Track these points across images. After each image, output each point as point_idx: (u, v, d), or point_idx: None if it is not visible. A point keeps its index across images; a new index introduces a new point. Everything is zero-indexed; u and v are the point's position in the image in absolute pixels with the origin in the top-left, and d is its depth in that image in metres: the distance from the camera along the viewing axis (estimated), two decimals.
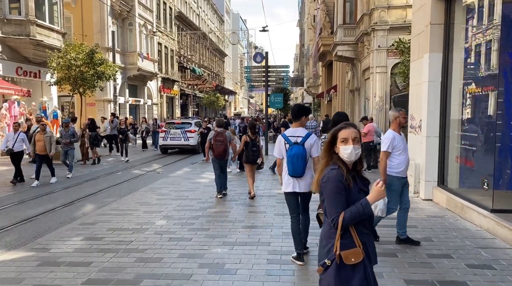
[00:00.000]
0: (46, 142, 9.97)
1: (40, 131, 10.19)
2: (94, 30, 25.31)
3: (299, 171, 4.35)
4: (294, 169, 4.35)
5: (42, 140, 9.97)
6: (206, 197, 8.12)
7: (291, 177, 4.41)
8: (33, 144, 10.10)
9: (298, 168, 4.34)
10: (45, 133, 10.13)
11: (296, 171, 4.35)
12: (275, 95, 17.13)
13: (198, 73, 44.59)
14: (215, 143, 7.93)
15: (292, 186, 4.44)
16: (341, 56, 17.82)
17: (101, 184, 10.20)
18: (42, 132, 10.12)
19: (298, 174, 4.37)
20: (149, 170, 12.75)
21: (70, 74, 14.80)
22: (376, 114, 14.33)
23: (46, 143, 9.96)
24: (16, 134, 10.20)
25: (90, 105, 25.86)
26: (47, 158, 10.06)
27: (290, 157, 4.36)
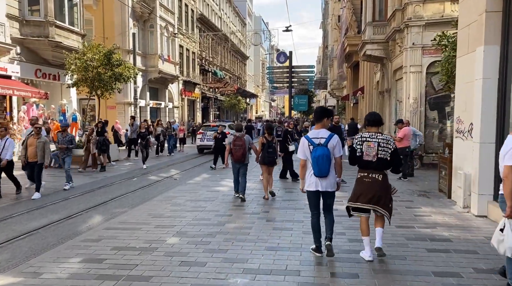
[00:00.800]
0: (39, 148, 8.62)
1: (34, 135, 8.84)
2: (115, 32, 25.07)
3: (325, 171, 4.50)
4: (320, 170, 4.49)
5: (35, 145, 8.65)
6: (225, 209, 7.30)
7: (316, 177, 4.55)
8: (25, 148, 8.85)
9: (324, 168, 4.48)
10: (39, 137, 8.80)
11: (322, 172, 4.50)
12: (300, 97, 16.23)
13: (219, 76, 44.12)
14: (233, 148, 7.91)
15: (315, 185, 4.60)
16: (370, 55, 16.73)
17: (113, 191, 9.54)
18: (36, 136, 8.78)
19: (324, 174, 4.51)
20: (166, 176, 12.06)
21: (87, 75, 14.33)
22: (410, 117, 13.19)
23: (39, 149, 8.60)
24: (2, 140, 8.59)
25: (111, 108, 25.64)
26: (38, 166, 8.64)
27: (316, 158, 4.48)
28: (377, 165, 4.48)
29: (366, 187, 4.51)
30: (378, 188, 4.48)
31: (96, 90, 14.91)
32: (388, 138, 4.57)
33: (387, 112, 17.18)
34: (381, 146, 4.47)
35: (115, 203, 8.26)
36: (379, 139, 4.49)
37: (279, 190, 9.23)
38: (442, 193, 8.50)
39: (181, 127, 21.34)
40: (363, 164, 4.56)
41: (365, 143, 4.53)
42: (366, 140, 4.53)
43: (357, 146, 4.59)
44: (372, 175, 4.50)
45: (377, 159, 4.47)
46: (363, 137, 4.58)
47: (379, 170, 4.50)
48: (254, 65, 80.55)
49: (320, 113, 4.76)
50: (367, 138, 4.53)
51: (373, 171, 4.51)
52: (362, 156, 4.54)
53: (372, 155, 4.48)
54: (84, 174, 12.13)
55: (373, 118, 4.65)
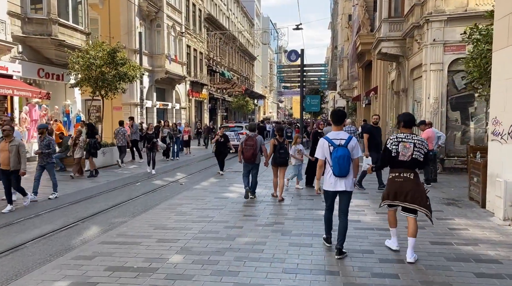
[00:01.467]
0: (12, 153, 7.37)
1: (5, 139, 7.49)
2: (121, 31, 24.57)
3: (345, 171, 4.63)
4: (341, 170, 4.61)
5: (7, 150, 7.38)
6: (235, 220, 6.60)
7: (336, 177, 4.67)
8: None
9: (344, 168, 4.61)
10: (10, 140, 7.45)
11: (342, 172, 4.62)
12: (312, 97, 15.49)
13: (227, 77, 43.51)
14: (244, 147, 8.03)
15: (334, 185, 4.73)
16: (386, 53, 15.93)
17: (115, 198, 8.89)
18: (7, 140, 7.45)
19: (344, 174, 4.64)
20: (171, 181, 11.39)
21: (90, 74, 13.74)
22: (430, 117, 12.38)
23: (12, 154, 7.37)
24: None
25: (117, 109, 25.13)
26: (15, 176, 7.49)
27: (337, 158, 4.61)
28: (410, 164, 4.58)
29: (399, 186, 4.61)
30: (411, 187, 4.57)
31: (100, 90, 14.31)
32: (422, 139, 4.68)
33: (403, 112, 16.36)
34: (416, 146, 4.57)
35: (115, 212, 7.60)
36: (415, 140, 4.59)
37: (293, 197, 8.51)
38: (474, 202, 7.71)
39: (186, 128, 20.45)
40: (396, 164, 4.64)
41: (401, 143, 4.60)
42: (402, 140, 4.60)
43: (392, 146, 4.63)
44: (403, 174, 4.59)
45: (411, 159, 4.57)
46: (399, 137, 4.65)
47: (411, 169, 4.61)
48: (262, 66, 79.88)
49: (341, 117, 4.95)
50: (403, 138, 4.61)
51: (404, 170, 4.60)
52: (397, 156, 4.60)
53: (407, 156, 4.56)
54: (86, 179, 11.51)
55: (408, 119, 4.76)
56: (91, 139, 11.79)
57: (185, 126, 20.90)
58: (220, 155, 12.10)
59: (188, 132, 20.08)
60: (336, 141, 4.71)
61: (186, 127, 20.65)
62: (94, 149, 11.78)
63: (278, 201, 7.93)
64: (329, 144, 4.72)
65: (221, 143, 11.90)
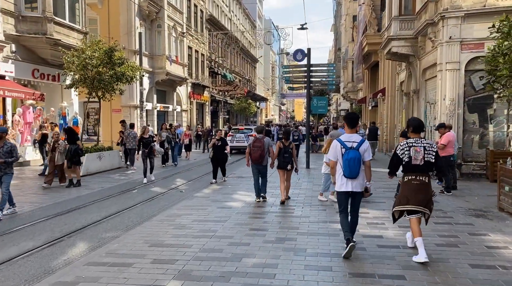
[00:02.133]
0: None
1: None
2: (121, 32, 23.91)
3: (355, 173, 4.74)
4: (351, 171, 4.73)
5: None
6: (240, 234, 5.85)
7: (346, 178, 4.79)
8: None
9: (355, 170, 4.73)
10: None
11: (352, 173, 4.74)
12: (319, 99, 14.78)
13: (229, 79, 42.85)
14: (252, 149, 8.12)
15: (346, 186, 4.83)
16: (396, 53, 15.20)
17: (108, 208, 8.15)
18: None
19: (354, 176, 4.75)
20: (170, 188, 10.65)
21: (86, 75, 13.03)
22: (446, 120, 11.62)
23: None
24: None
25: (116, 112, 24.44)
26: None
27: (348, 160, 4.73)
28: (424, 167, 4.72)
29: (415, 189, 4.72)
30: (426, 191, 4.74)
31: (97, 91, 13.60)
32: (431, 142, 4.87)
33: (415, 115, 15.59)
34: (427, 149, 4.72)
35: (107, 224, 6.85)
36: (424, 143, 4.76)
37: (303, 206, 7.76)
38: (506, 214, 6.95)
39: (186, 132, 19.36)
40: (411, 168, 4.75)
41: (412, 148, 4.73)
42: (413, 145, 4.74)
43: (404, 152, 4.75)
44: (419, 177, 4.72)
45: (424, 162, 4.70)
46: (409, 143, 4.78)
47: (425, 173, 4.75)
48: (264, 68, 79.26)
49: (355, 120, 5.09)
50: (413, 143, 4.76)
51: (420, 173, 4.73)
52: (410, 161, 4.73)
53: (419, 159, 4.70)
54: (78, 187, 10.78)
55: (417, 124, 4.89)
56: (71, 145, 10.51)
57: (186, 129, 19.95)
58: (217, 161, 10.75)
59: (189, 135, 19.07)
60: (348, 143, 4.85)
61: (187, 130, 19.66)
62: (76, 156, 10.50)
63: (285, 199, 8.05)
64: (341, 146, 4.86)
65: (219, 148, 10.70)
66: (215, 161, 10.79)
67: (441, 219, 6.74)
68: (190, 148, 19.03)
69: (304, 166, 14.30)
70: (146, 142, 11.32)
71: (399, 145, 4.89)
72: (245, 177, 11.90)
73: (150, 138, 11.44)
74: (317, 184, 10.55)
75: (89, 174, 12.48)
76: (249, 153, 8.20)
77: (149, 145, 11.26)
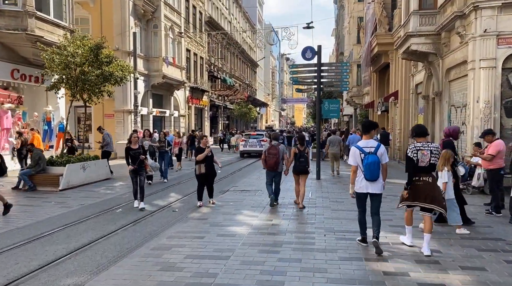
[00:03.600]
0: None
1: None
2: (114, 32, 22.44)
3: (376, 175, 5.15)
4: (372, 174, 5.13)
5: None
6: (248, 282, 4.27)
7: (367, 180, 5.20)
8: None
9: (376, 173, 5.14)
10: None
11: (373, 176, 5.15)
12: (331, 102, 13.24)
13: (229, 83, 41.39)
14: (268, 156, 8.18)
15: (366, 188, 5.24)
16: (415, 52, 13.69)
17: (81, 235, 6.54)
18: None
19: (375, 178, 5.16)
20: (161, 206, 9.04)
21: (69, 75, 11.48)
22: (480, 125, 10.11)
23: None
24: None
25: (108, 117, 22.92)
26: None
27: (368, 164, 5.12)
28: (429, 169, 5.17)
29: (419, 189, 5.17)
30: (430, 189, 5.15)
31: (81, 93, 12.06)
32: (437, 146, 5.32)
33: (437, 120, 14.05)
34: (433, 153, 5.15)
35: (73, 263, 5.21)
36: (431, 147, 5.16)
37: (325, 233, 6.19)
38: None
39: (176, 139, 16.45)
40: (417, 169, 5.17)
41: (419, 151, 5.13)
42: (420, 149, 5.14)
43: (413, 155, 5.16)
44: (422, 178, 5.17)
45: (430, 164, 5.14)
46: (417, 146, 5.17)
47: (429, 173, 5.18)
48: (264, 73, 77.91)
49: (369, 127, 5.42)
50: (420, 147, 5.14)
51: (423, 174, 5.16)
52: (417, 163, 5.14)
53: (426, 162, 5.13)
54: (37, 202, 9.19)
55: (420, 130, 5.35)
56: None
57: (175, 136, 16.89)
58: (206, 178, 8.53)
59: (179, 143, 16.50)
60: (366, 149, 5.21)
61: (177, 138, 16.74)
62: None
63: (299, 208, 8.05)
64: (360, 152, 5.22)
65: (208, 161, 8.45)
66: (203, 178, 8.50)
67: (509, 254, 5.18)
68: (180, 157, 16.53)
69: (314, 177, 12.76)
70: (135, 154, 8.43)
71: (408, 148, 5.28)
72: (250, 191, 10.34)
73: (140, 149, 8.65)
74: (334, 200, 8.99)
75: (70, 188, 10.90)
76: (264, 159, 8.27)
77: (138, 159, 8.48)
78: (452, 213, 6.04)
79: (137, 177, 8.48)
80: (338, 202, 8.72)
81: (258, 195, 9.78)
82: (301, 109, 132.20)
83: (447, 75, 13.21)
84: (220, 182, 12.85)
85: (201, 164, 8.41)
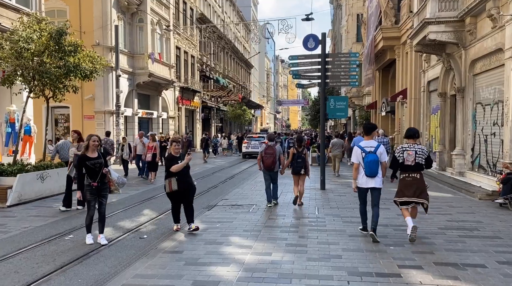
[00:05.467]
0: None
1: None
2: (95, 25, 20.47)
3: (375, 172, 5.78)
4: (371, 171, 5.76)
5: None
6: None
7: (367, 177, 5.82)
8: None
9: (375, 170, 5.76)
10: None
11: (373, 172, 5.77)
12: (337, 99, 11.37)
13: (222, 84, 39.46)
14: (265, 156, 8.31)
15: (366, 183, 5.86)
16: (433, 41, 11.89)
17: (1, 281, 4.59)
18: None
19: (374, 175, 5.79)
20: (128, 229, 7.04)
21: (24, 65, 9.50)
22: None
23: None
24: None
25: (88, 118, 20.90)
26: None
27: (368, 162, 5.74)
28: (415, 168, 5.79)
29: (408, 184, 5.80)
30: (417, 184, 5.78)
31: (41, 88, 10.08)
32: (422, 147, 5.90)
33: (458, 120, 12.20)
34: (418, 153, 5.76)
35: None
36: (416, 148, 5.79)
37: (349, 281, 4.28)
38: None
39: (149, 144, 13.25)
40: (404, 167, 5.84)
41: (405, 152, 5.80)
42: (406, 149, 5.80)
43: (399, 154, 5.83)
44: (411, 175, 5.81)
45: (415, 163, 5.77)
46: (403, 147, 5.89)
47: (417, 171, 5.81)
48: (259, 75, 76.10)
49: (370, 129, 6.09)
50: (406, 148, 5.82)
51: (411, 172, 5.82)
52: (404, 162, 5.80)
53: (411, 161, 5.76)
54: None
55: (410, 133, 6.00)
56: None
57: (150, 140, 13.45)
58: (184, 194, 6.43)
59: (153, 148, 13.05)
60: (367, 148, 5.84)
61: (151, 142, 13.30)
62: None
63: (298, 205, 8.38)
64: (361, 151, 5.84)
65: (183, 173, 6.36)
66: (178, 196, 6.43)
67: None
68: (155, 166, 13.27)
69: (318, 187, 10.90)
70: (94, 166, 5.99)
71: (396, 149, 6.09)
72: (242, 206, 8.43)
73: (100, 158, 6.07)
74: (348, 219, 7.07)
75: (22, 203, 8.91)
76: (261, 159, 8.39)
77: (99, 173, 6.01)
78: None
79: (96, 198, 6.05)
80: (354, 223, 6.83)
81: (252, 212, 7.88)
82: (296, 111, 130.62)
83: (472, 68, 11.40)
84: (207, 193, 10.93)
85: (172, 178, 6.26)
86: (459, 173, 11.63)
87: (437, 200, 9.11)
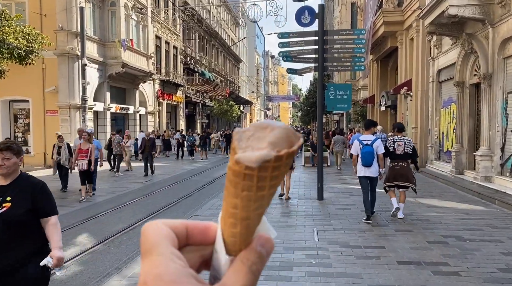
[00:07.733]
0: None
1: None
2: (57, 7, 17.96)
3: (370, 162, 6.64)
4: (366, 161, 6.66)
5: None
6: None
7: (363, 166, 6.71)
8: None
9: (369, 160, 6.63)
10: None
11: (367, 162, 6.65)
12: (338, 87, 9.18)
13: (208, 78, 37.08)
14: None
15: (364, 172, 6.74)
16: (453, 18, 9.80)
17: None
18: None
19: (369, 164, 6.65)
20: None
21: None
22: None
23: None
24: None
25: (51, 113, 18.40)
26: None
27: (363, 153, 6.66)
28: (404, 156, 6.79)
29: (397, 171, 6.80)
30: (405, 171, 6.81)
31: None
32: (409, 139, 7.17)
33: (484, 114, 10.08)
34: (406, 144, 6.80)
35: None
36: (405, 140, 6.87)
37: None
38: None
39: (81, 146, 9.36)
40: (394, 156, 6.84)
41: (396, 142, 6.78)
42: (397, 141, 6.79)
43: (390, 145, 6.81)
44: (399, 163, 6.81)
45: (404, 153, 6.77)
46: (394, 139, 6.89)
47: (404, 159, 6.82)
48: (249, 70, 73.76)
49: (369, 125, 7.19)
50: (397, 139, 6.81)
51: (400, 160, 6.81)
52: (394, 151, 6.79)
53: (400, 150, 6.75)
54: None
55: (399, 127, 7.23)
56: None
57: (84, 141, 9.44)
58: None
59: (87, 153, 9.29)
60: (364, 141, 6.74)
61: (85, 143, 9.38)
62: None
63: (285, 200, 8.54)
64: (359, 144, 6.75)
65: None
66: None
67: None
68: (90, 178, 9.61)
69: (314, 195, 8.77)
70: None
71: (387, 141, 7.08)
72: None
73: None
74: (360, 250, 4.85)
75: None
76: None
77: None
78: None
79: None
80: (371, 258, 4.67)
81: None
82: (286, 108, 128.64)
83: (502, 50, 9.29)
84: (176, 206, 8.66)
85: None
86: (485, 178, 9.56)
87: (468, 215, 7.13)
